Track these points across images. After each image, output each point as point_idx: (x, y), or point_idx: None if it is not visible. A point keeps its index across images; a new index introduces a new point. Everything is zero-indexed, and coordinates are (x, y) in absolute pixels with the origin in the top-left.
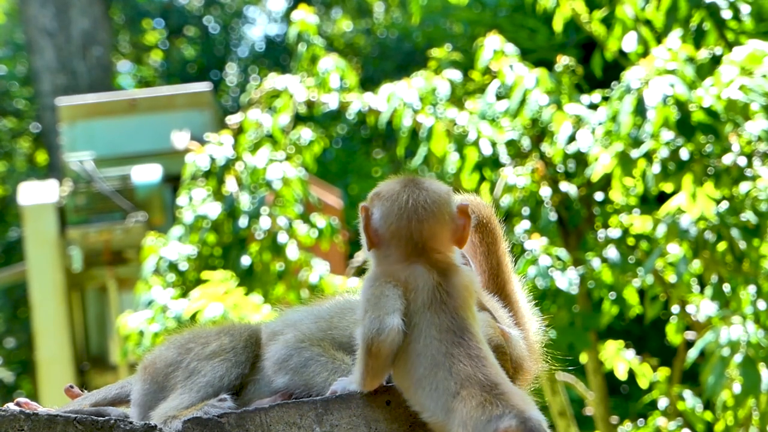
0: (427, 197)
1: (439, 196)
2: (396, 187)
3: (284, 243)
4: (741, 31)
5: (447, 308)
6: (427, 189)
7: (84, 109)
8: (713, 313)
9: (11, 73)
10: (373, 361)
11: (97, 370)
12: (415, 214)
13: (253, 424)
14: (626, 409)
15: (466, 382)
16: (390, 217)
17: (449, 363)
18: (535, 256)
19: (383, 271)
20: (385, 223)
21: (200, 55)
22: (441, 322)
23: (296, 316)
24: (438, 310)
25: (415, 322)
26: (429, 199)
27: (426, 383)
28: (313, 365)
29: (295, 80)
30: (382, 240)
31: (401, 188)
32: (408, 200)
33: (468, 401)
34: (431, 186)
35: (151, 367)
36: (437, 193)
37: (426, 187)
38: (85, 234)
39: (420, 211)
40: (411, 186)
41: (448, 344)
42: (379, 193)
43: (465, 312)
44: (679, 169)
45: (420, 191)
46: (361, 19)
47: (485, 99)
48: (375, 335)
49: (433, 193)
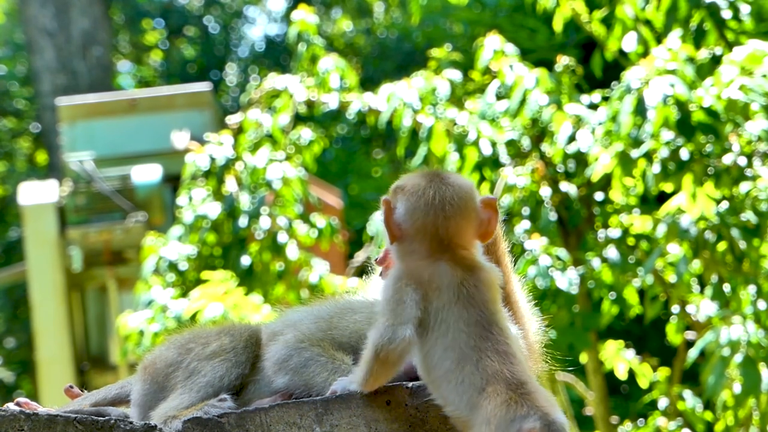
0: (453, 193)
1: (464, 191)
2: (421, 181)
3: (284, 243)
4: (741, 31)
5: (475, 302)
6: (452, 184)
7: (84, 109)
8: (713, 313)
9: (11, 73)
10: (379, 367)
11: (97, 370)
12: (442, 210)
13: (253, 424)
14: (626, 409)
15: (493, 379)
16: (416, 213)
17: (477, 357)
18: (535, 256)
19: (407, 269)
20: (410, 218)
21: (200, 55)
22: (469, 315)
23: (296, 316)
24: (466, 305)
25: (442, 318)
26: (456, 195)
27: (453, 377)
28: (313, 365)
29: (295, 80)
30: (406, 235)
31: (427, 183)
32: (435, 196)
33: (493, 398)
34: (456, 181)
35: (151, 367)
36: (462, 188)
37: (452, 182)
38: (85, 234)
39: (447, 207)
40: (436, 181)
41: (476, 338)
42: (404, 187)
43: (493, 306)
44: (679, 169)
45: (446, 186)
46: (361, 19)
47: (485, 99)
48: (386, 343)
49: (459, 188)
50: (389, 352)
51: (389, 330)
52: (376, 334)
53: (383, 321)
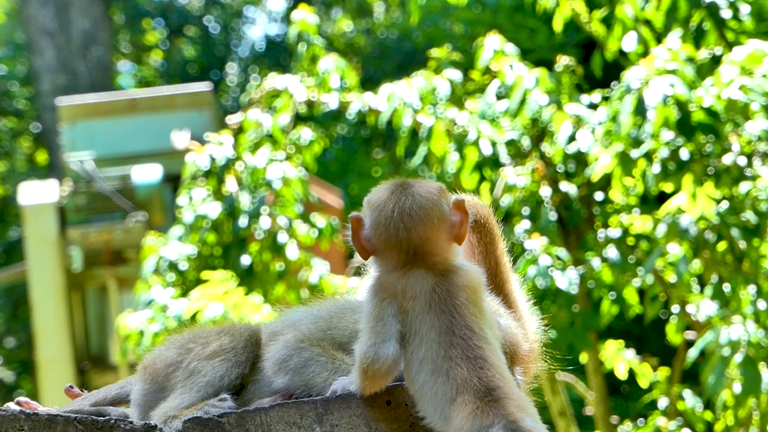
0: (413, 203)
1: (426, 200)
2: (384, 194)
3: (284, 243)
4: (741, 31)
5: (446, 308)
6: (413, 194)
7: (84, 109)
8: (713, 313)
9: (11, 73)
10: (370, 381)
11: (97, 370)
12: (401, 222)
13: (254, 424)
14: (626, 409)
15: (462, 387)
16: (379, 227)
17: (447, 366)
18: (535, 256)
19: (381, 283)
20: (375, 232)
21: (200, 55)
22: (440, 323)
23: (296, 316)
24: (438, 312)
25: (415, 330)
26: (415, 205)
27: (427, 389)
28: (313, 365)
29: (295, 80)
30: (377, 249)
31: (388, 195)
32: (393, 209)
33: (462, 409)
34: (419, 189)
35: (151, 367)
36: (424, 196)
37: (413, 191)
38: (85, 234)
39: (406, 219)
40: (398, 192)
41: (446, 346)
42: (369, 200)
43: (467, 309)
44: (679, 169)
45: (406, 197)
46: (361, 19)
47: (485, 99)
48: (371, 363)
49: (420, 197)
50: (375, 371)
51: (372, 349)
52: (360, 351)
53: (365, 339)
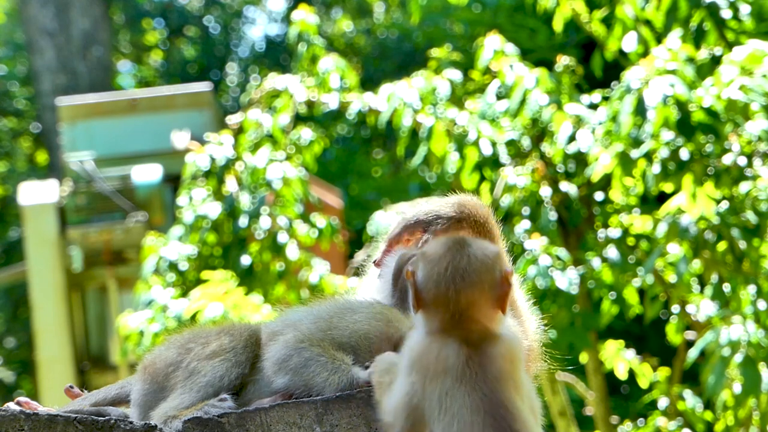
0: (468, 265)
1: (481, 263)
2: (439, 249)
3: (284, 243)
4: (741, 31)
5: (478, 385)
6: (470, 255)
7: (84, 109)
8: (713, 313)
9: (11, 73)
10: None
11: (97, 370)
12: (453, 282)
13: (254, 424)
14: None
15: None
16: (429, 283)
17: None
18: (535, 256)
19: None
20: (425, 288)
21: (200, 55)
22: (472, 402)
23: (296, 316)
24: (470, 389)
25: (446, 407)
26: (470, 267)
27: None
28: (313, 365)
29: (295, 80)
30: (426, 304)
31: (444, 252)
32: (448, 267)
33: None
34: (476, 252)
35: (151, 367)
36: (480, 259)
37: (470, 252)
38: (85, 234)
39: (458, 280)
40: (454, 250)
41: (479, 427)
42: (425, 253)
43: (501, 385)
44: (679, 169)
45: (462, 257)
46: (361, 19)
47: (485, 99)
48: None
49: (475, 260)
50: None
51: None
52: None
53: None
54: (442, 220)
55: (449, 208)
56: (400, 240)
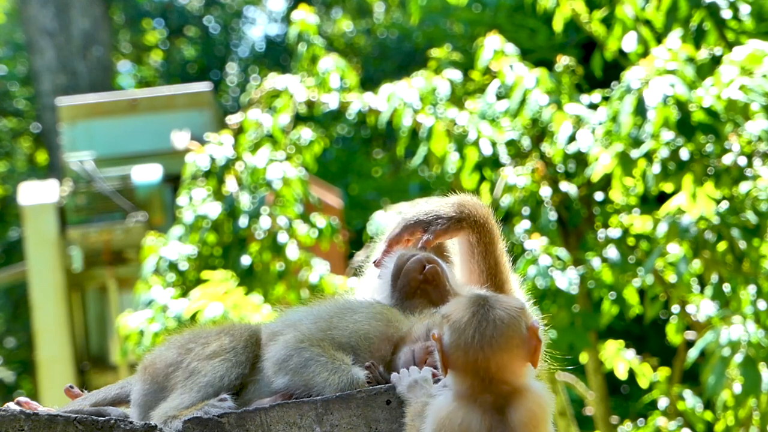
0: (495, 331)
1: (507, 326)
2: (463, 314)
3: (284, 243)
4: (741, 31)
5: None
6: (495, 320)
7: (84, 109)
8: (713, 313)
9: (11, 73)
10: None
11: (97, 370)
12: (481, 350)
13: (254, 424)
14: (626, 409)
15: None
16: (457, 351)
17: None
18: (535, 256)
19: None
20: (453, 354)
21: (200, 55)
22: None
23: (296, 316)
24: None
25: None
26: (496, 333)
27: None
28: (312, 365)
29: (295, 80)
30: (454, 369)
31: (468, 318)
32: (474, 335)
33: None
34: (500, 314)
35: (151, 367)
36: (506, 322)
37: (495, 315)
38: (85, 234)
39: (486, 348)
40: (480, 315)
41: None
42: (448, 318)
43: None
44: (679, 169)
45: (487, 323)
46: (361, 19)
47: (485, 99)
48: None
49: (501, 324)
50: None
51: None
52: None
53: None
54: (442, 220)
55: (449, 208)
56: (399, 240)
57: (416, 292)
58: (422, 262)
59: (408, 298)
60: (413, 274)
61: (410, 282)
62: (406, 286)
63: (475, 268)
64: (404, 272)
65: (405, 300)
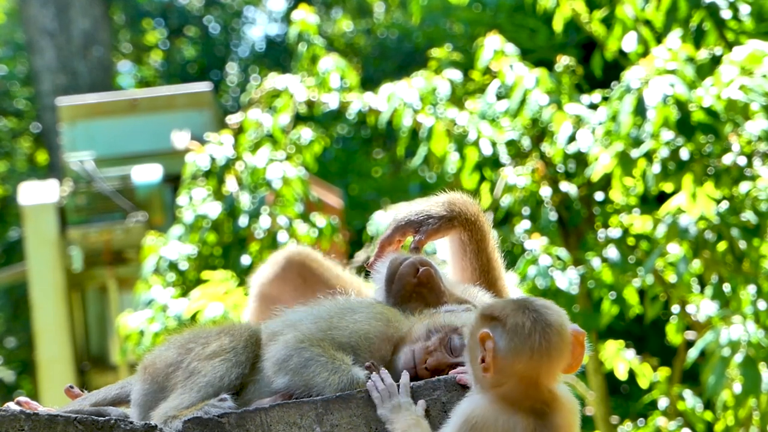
0: (558, 336)
1: (564, 331)
2: (523, 319)
3: (284, 242)
4: (741, 31)
5: None
6: (554, 324)
7: (84, 109)
8: (713, 313)
9: (11, 73)
10: None
11: (97, 370)
12: (548, 357)
13: (254, 424)
14: (626, 409)
15: None
16: (518, 356)
17: None
18: (535, 256)
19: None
20: (510, 358)
21: (200, 55)
22: None
23: (296, 316)
24: None
25: None
26: (559, 338)
27: None
28: (313, 365)
29: (296, 80)
30: (501, 373)
31: (531, 324)
32: (541, 342)
33: None
34: (556, 319)
35: (151, 367)
36: (564, 331)
37: (553, 321)
38: (85, 234)
39: (553, 354)
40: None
41: None
42: (503, 321)
43: None
44: (679, 169)
45: (552, 330)
46: (361, 19)
47: (485, 99)
48: None
49: (562, 329)
50: None
51: None
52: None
53: None
54: (433, 220)
55: (439, 207)
56: (391, 242)
57: (411, 296)
58: (415, 265)
59: (404, 302)
60: (407, 278)
61: (405, 286)
62: (401, 290)
63: (467, 265)
64: (398, 276)
65: (401, 304)
